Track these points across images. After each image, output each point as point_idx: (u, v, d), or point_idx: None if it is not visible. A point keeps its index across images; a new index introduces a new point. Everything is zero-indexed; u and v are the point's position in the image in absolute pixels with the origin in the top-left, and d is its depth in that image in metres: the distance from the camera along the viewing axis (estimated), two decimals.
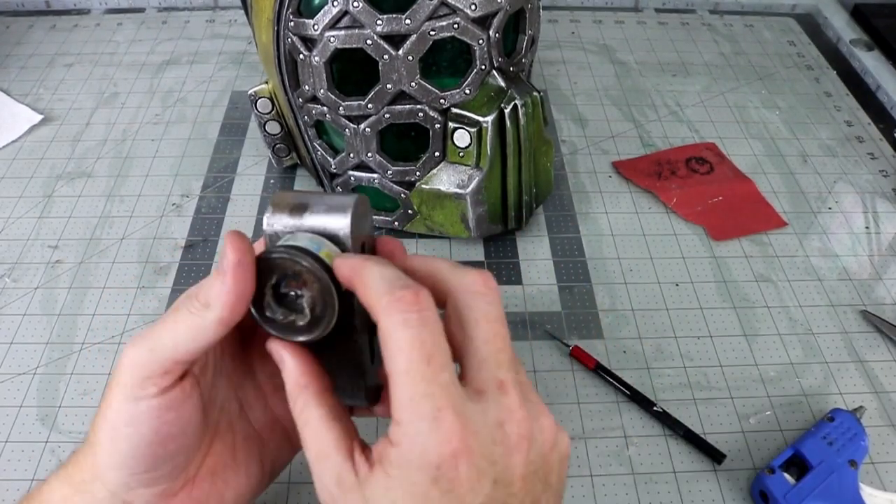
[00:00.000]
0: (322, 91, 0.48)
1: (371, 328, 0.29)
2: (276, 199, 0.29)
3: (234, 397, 0.33)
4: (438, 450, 0.24)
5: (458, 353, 0.26)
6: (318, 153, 0.53)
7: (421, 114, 0.48)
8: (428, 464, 0.24)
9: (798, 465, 0.41)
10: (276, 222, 0.29)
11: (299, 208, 0.29)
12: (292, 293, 0.28)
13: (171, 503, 0.30)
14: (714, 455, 0.43)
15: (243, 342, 0.33)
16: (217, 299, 0.27)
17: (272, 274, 0.27)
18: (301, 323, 0.28)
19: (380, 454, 0.25)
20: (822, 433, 0.42)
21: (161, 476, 0.29)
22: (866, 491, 0.40)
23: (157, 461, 0.29)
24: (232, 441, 0.32)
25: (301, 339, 0.28)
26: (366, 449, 0.27)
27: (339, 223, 0.28)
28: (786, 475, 0.40)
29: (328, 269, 0.27)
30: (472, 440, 0.24)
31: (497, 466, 0.25)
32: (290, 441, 0.34)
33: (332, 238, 0.28)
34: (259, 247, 0.30)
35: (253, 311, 0.28)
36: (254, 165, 0.62)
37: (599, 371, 0.47)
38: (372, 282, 0.26)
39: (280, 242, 0.28)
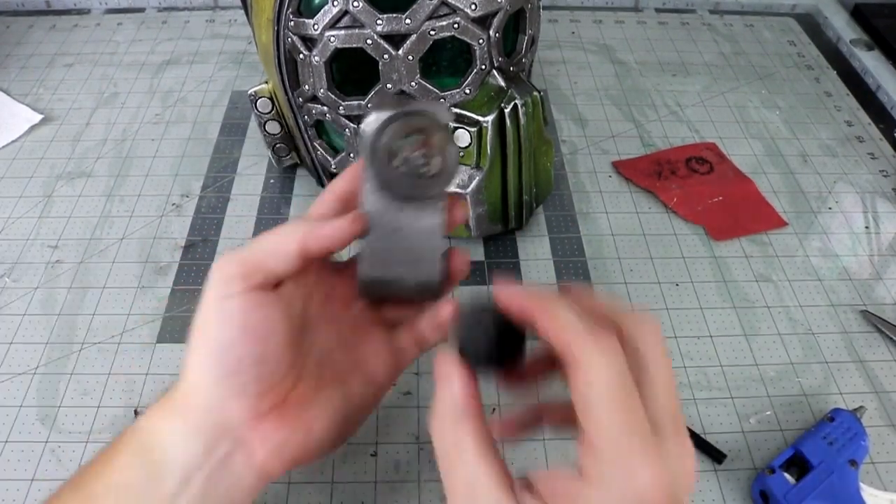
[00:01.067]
0: (322, 91, 0.48)
1: None
2: (380, 98, 0.34)
3: (323, 341, 0.35)
4: (646, 486, 0.24)
5: None
6: (318, 153, 0.53)
7: None
8: (635, 499, 0.24)
9: (798, 464, 0.41)
10: (384, 113, 0.31)
11: (403, 104, 0.32)
12: (415, 155, 0.31)
13: (262, 425, 0.31)
14: (714, 455, 0.43)
15: (331, 291, 0.35)
16: (313, 236, 0.31)
17: (396, 136, 0.31)
18: (430, 173, 0.31)
19: (559, 492, 0.25)
20: (823, 433, 0.42)
21: (248, 382, 0.31)
22: (867, 491, 0.40)
23: (245, 361, 0.30)
24: (318, 378, 0.34)
25: (430, 192, 0.31)
26: (525, 484, 0.26)
27: (442, 113, 0.32)
28: (786, 475, 0.40)
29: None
30: (669, 481, 0.24)
31: (676, 499, 0.25)
32: (372, 386, 0.35)
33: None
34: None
35: (381, 181, 0.31)
36: (254, 165, 0.62)
37: None
38: (566, 318, 0.27)
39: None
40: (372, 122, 0.31)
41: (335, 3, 0.44)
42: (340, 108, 0.48)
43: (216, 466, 0.30)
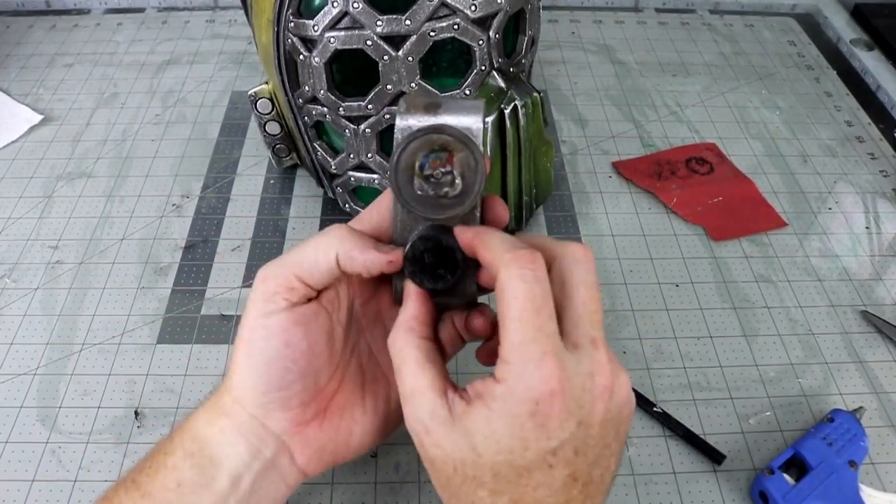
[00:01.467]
0: (322, 92, 0.48)
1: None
2: (409, 100, 0.32)
3: (365, 342, 0.37)
4: (539, 387, 0.27)
5: (558, 312, 0.29)
6: (318, 154, 0.53)
7: None
8: (529, 398, 0.27)
9: (797, 465, 0.41)
10: (412, 119, 0.31)
11: (433, 107, 0.31)
12: (438, 172, 0.30)
13: (304, 431, 0.33)
14: (714, 456, 0.43)
15: (375, 292, 0.37)
16: (345, 256, 0.31)
17: (420, 152, 0.30)
18: (452, 193, 0.30)
19: (479, 391, 0.28)
20: (822, 434, 0.42)
21: (292, 396, 0.32)
22: (866, 492, 0.40)
23: (287, 377, 0.32)
24: (361, 381, 0.36)
25: (451, 213, 0.31)
26: (459, 390, 0.30)
27: (472, 119, 0.31)
28: (785, 476, 0.40)
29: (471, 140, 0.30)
30: (566, 384, 0.27)
31: (583, 410, 0.27)
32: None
33: (466, 132, 0.31)
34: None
35: (401, 199, 0.30)
36: (254, 166, 0.62)
37: None
38: (493, 242, 0.29)
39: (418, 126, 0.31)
40: (398, 129, 0.31)
41: (335, 4, 0.44)
42: (340, 109, 0.48)
43: (262, 467, 0.32)
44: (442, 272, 0.31)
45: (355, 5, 0.43)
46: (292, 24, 0.46)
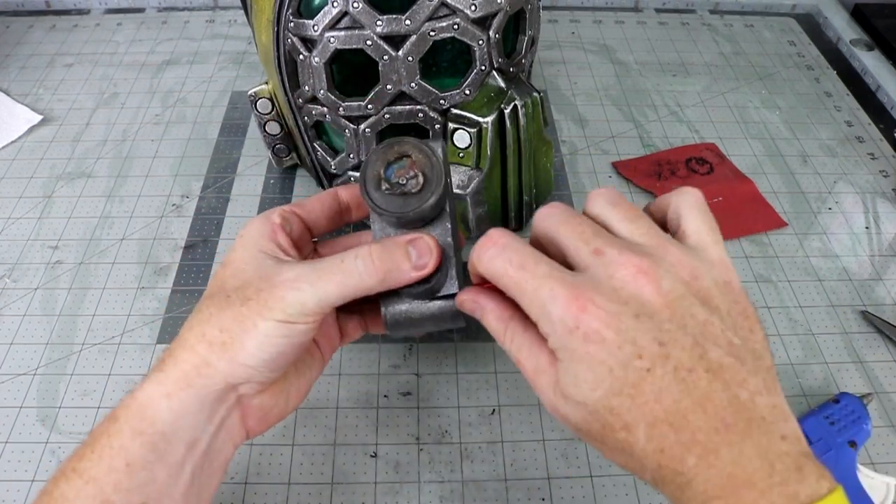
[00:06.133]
0: (322, 92, 0.48)
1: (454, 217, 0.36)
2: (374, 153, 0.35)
3: None
4: (568, 314, 0.27)
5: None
6: (318, 154, 0.53)
7: (421, 114, 0.48)
8: (570, 329, 0.27)
9: None
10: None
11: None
12: (401, 181, 0.34)
13: (264, 394, 0.34)
14: None
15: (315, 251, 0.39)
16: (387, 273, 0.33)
17: (383, 164, 0.34)
18: (414, 190, 0.33)
19: (540, 365, 0.30)
20: (825, 413, 0.41)
21: (273, 375, 0.34)
22: (864, 472, 0.40)
23: (285, 365, 0.34)
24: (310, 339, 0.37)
25: (413, 209, 0.33)
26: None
27: (435, 143, 0.35)
28: None
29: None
30: (590, 294, 0.27)
31: (630, 304, 0.27)
32: (322, 359, 0.39)
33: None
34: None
35: (369, 201, 0.33)
36: (254, 166, 0.62)
37: None
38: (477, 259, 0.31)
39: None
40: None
41: (335, 4, 0.44)
42: (340, 108, 0.48)
43: (216, 428, 0.33)
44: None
45: (355, 5, 0.43)
46: (292, 23, 0.46)
